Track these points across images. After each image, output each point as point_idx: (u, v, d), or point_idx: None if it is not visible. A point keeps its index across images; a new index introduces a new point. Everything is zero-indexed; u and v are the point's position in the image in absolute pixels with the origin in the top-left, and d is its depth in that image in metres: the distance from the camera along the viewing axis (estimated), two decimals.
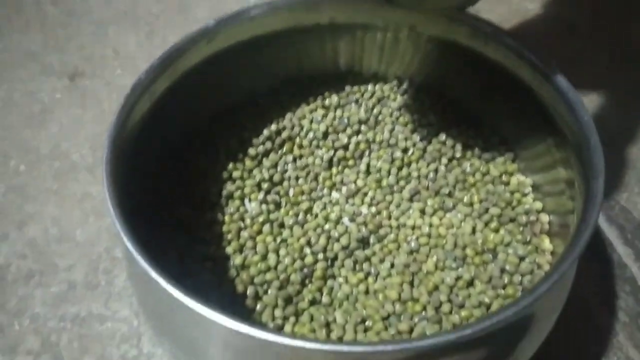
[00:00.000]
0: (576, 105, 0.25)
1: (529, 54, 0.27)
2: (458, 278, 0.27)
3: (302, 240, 0.28)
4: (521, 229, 0.29)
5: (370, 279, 0.28)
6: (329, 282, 0.28)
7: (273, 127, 0.32)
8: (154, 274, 0.20)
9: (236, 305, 0.26)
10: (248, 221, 0.29)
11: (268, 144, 0.32)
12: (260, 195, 0.30)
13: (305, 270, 0.27)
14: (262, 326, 0.25)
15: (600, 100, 0.39)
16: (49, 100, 0.42)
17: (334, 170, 0.32)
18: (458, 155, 0.32)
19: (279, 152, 0.32)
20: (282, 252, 0.28)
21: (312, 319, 0.26)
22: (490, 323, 0.18)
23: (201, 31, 0.28)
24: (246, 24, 0.30)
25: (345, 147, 0.32)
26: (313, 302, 0.27)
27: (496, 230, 0.29)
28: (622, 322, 0.31)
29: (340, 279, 0.28)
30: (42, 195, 0.36)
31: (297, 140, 0.33)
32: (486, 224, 0.29)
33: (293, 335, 0.25)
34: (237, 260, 0.28)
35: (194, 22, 0.46)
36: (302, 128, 0.33)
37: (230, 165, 0.31)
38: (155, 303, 0.23)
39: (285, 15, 0.30)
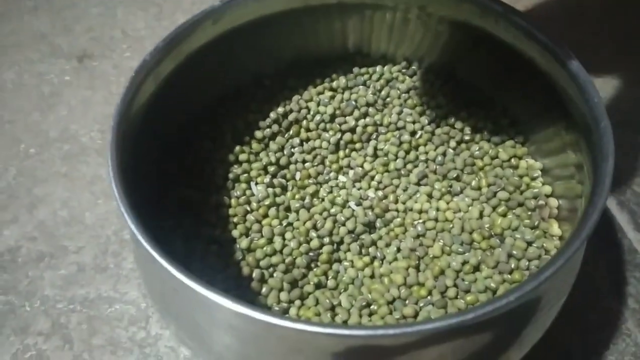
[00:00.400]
0: (586, 88, 0.24)
1: (540, 34, 0.26)
2: (464, 263, 0.27)
3: (308, 224, 0.28)
4: (529, 213, 0.28)
5: (376, 263, 0.28)
6: (335, 266, 0.28)
7: (280, 109, 0.32)
8: (158, 257, 0.20)
9: (242, 288, 0.26)
10: (254, 204, 0.29)
11: (275, 127, 0.32)
12: (267, 179, 0.30)
13: (311, 253, 0.27)
14: (267, 309, 0.26)
15: (613, 83, 0.38)
16: (58, 82, 0.42)
17: (341, 153, 0.32)
18: (467, 138, 0.31)
19: (286, 135, 0.32)
20: (288, 235, 0.28)
21: (317, 302, 0.26)
22: (493, 307, 0.18)
23: (207, 12, 0.28)
24: (252, 5, 0.29)
25: (353, 130, 0.32)
26: (318, 286, 0.27)
27: (504, 215, 0.28)
28: (631, 309, 0.30)
29: (346, 263, 0.28)
30: (52, 178, 0.37)
31: (304, 123, 0.32)
32: (494, 208, 0.29)
33: (296, 318, 0.25)
34: (243, 243, 0.27)
35: (202, 3, 0.46)
36: (309, 111, 0.32)
37: (237, 148, 0.31)
38: (161, 286, 0.23)
39: None
